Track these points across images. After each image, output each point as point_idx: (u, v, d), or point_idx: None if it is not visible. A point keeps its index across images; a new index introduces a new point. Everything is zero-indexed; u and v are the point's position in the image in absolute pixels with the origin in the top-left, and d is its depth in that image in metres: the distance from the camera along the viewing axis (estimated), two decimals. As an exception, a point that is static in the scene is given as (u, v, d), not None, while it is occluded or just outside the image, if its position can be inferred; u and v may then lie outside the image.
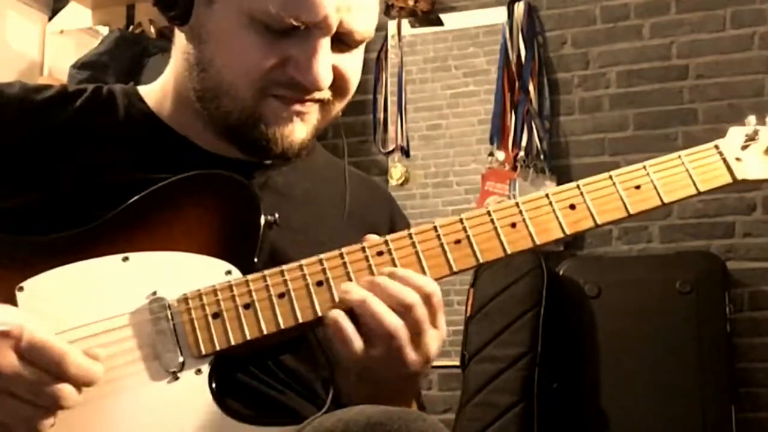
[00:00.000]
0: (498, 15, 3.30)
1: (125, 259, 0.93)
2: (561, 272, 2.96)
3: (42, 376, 0.82)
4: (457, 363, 2.87)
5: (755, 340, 2.91)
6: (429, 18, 3.41)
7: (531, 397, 2.78)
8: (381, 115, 3.42)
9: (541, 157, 3.16)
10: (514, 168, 3.18)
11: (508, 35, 3.26)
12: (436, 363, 1.11)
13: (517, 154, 3.18)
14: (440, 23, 3.40)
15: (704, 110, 3.02)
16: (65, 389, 0.83)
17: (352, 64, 1.03)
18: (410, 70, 3.42)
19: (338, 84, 1.02)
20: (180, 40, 1.05)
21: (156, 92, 1.11)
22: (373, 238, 0.96)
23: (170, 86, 1.09)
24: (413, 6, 3.38)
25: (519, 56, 3.24)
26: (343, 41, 1.00)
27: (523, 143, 3.19)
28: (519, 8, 3.25)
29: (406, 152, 3.38)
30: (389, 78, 3.42)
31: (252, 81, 0.98)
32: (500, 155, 3.20)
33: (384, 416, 0.81)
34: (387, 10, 3.42)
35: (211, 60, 1.00)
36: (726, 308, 2.81)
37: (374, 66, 3.43)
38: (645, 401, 2.73)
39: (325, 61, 0.98)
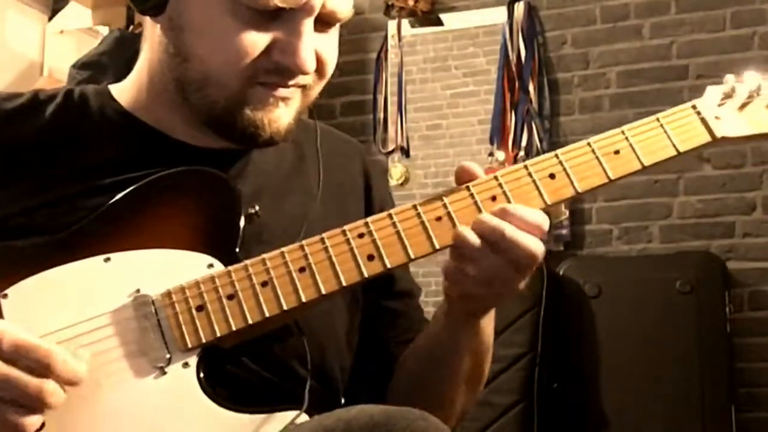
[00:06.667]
0: (498, 15, 3.30)
1: (107, 259, 0.93)
2: (561, 272, 2.96)
3: (26, 376, 0.82)
4: (457, 363, 2.86)
5: (755, 340, 2.91)
6: (429, 18, 3.41)
7: (531, 397, 2.79)
8: (381, 115, 3.42)
9: (541, 157, 3.16)
10: (514, 168, 3.19)
11: (508, 35, 3.26)
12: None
13: (517, 154, 3.18)
14: (440, 23, 3.40)
15: (704, 110, 3.01)
16: (50, 386, 0.83)
17: (330, 45, 1.03)
18: (410, 70, 3.42)
19: (318, 66, 1.01)
20: (154, 31, 1.04)
21: (129, 89, 1.10)
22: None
23: (144, 80, 1.08)
24: (413, 6, 3.39)
25: (519, 56, 3.24)
26: (324, 21, 1.00)
27: (523, 143, 3.19)
28: (519, 8, 3.26)
29: (406, 152, 3.38)
30: (389, 78, 3.42)
31: (240, 70, 0.97)
32: (500, 155, 3.21)
33: (385, 416, 0.81)
34: (387, 10, 3.42)
35: (193, 49, 0.98)
36: (726, 308, 2.81)
37: (374, 66, 3.43)
38: (645, 401, 2.73)
39: (310, 44, 0.97)
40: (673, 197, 3.06)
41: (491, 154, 3.22)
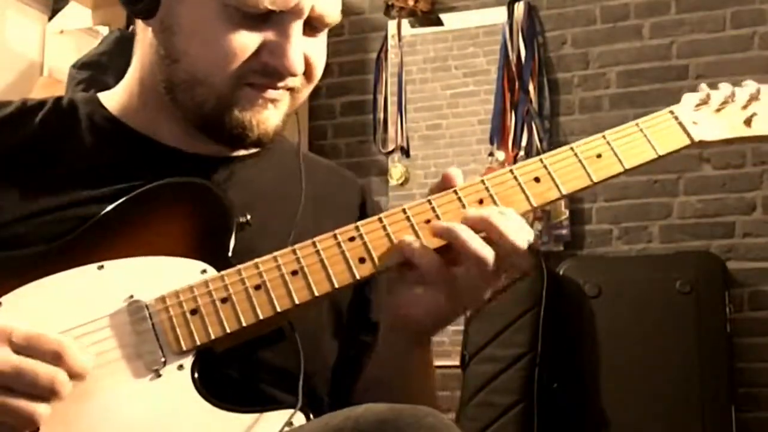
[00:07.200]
0: (498, 15, 3.30)
1: (100, 267, 0.94)
2: (561, 272, 2.96)
3: (38, 365, 0.83)
4: (457, 363, 2.87)
5: (755, 340, 2.91)
6: (429, 18, 3.41)
7: (531, 397, 2.78)
8: (381, 115, 3.42)
9: (541, 157, 3.16)
10: (514, 168, 3.19)
11: (508, 35, 3.26)
12: (435, 363, 1.12)
13: (517, 154, 3.18)
14: (440, 23, 3.40)
15: (704, 110, 3.01)
16: (61, 375, 0.84)
17: (318, 49, 1.04)
18: (410, 70, 3.42)
19: (306, 70, 1.02)
20: (145, 35, 1.05)
21: (119, 94, 1.11)
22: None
23: (135, 84, 1.08)
24: (413, 6, 3.39)
25: (519, 56, 3.24)
26: (312, 25, 1.01)
27: (523, 143, 3.19)
28: (519, 8, 3.26)
29: (406, 152, 3.38)
30: (389, 78, 3.42)
31: (229, 71, 0.98)
32: (500, 155, 3.21)
33: (394, 413, 0.81)
34: (387, 10, 3.42)
35: (183, 51, 0.99)
36: (726, 308, 2.81)
37: (374, 66, 3.43)
38: (645, 401, 2.73)
39: (298, 47, 0.99)
40: (673, 197, 3.06)
41: (491, 154, 3.23)
